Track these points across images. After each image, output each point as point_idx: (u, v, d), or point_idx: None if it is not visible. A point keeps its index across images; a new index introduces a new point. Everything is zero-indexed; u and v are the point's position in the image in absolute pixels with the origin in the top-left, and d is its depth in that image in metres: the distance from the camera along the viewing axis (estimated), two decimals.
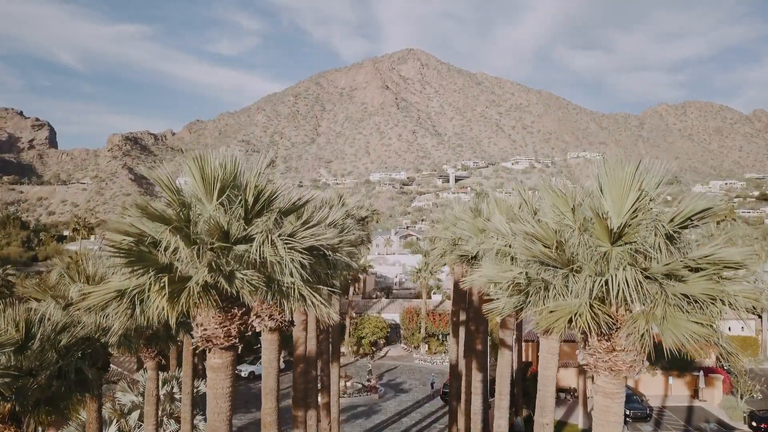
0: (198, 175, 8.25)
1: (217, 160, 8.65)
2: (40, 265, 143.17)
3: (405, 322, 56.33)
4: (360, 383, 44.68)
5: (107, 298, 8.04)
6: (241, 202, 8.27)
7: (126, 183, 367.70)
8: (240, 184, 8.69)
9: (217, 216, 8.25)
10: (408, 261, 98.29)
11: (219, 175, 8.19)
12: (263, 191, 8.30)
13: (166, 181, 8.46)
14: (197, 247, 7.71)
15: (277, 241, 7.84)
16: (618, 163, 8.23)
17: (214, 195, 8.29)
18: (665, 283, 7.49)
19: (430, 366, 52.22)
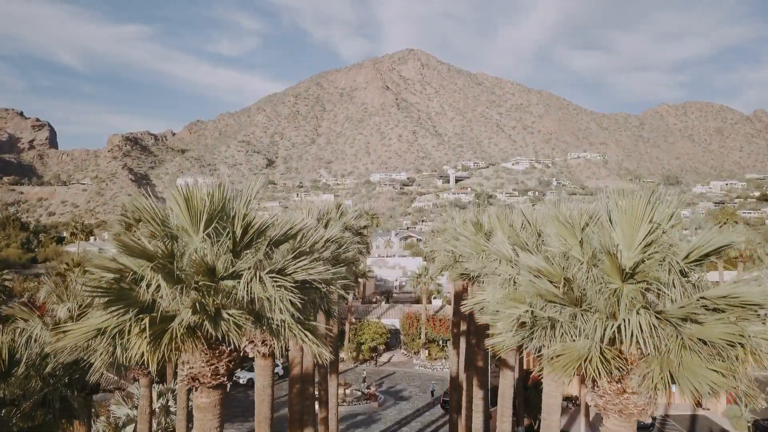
0: (183, 206, 7.78)
1: (204, 189, 8.19)
2: (39, 266, 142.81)
3: (405, 327, 55.85)
4: (359, 391, 44.18)
5: (87, 336, 7.56)
6: (228, 234, 7.80)
7: (126, 183, 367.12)
8: (229, 212, 8.22)
9: (203, 249, 7.79)
10: (408, 264, 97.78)
11: (205, 207, 7.72)
12: (252, 223, 7.82)
13: (150, 211, 7.99)
14: (181, 286, 7.23)
15: (265, 279, 7.36)
16: (629, 192, 7.73)
17: (200, 227, 7.82)
18: (681, 326, 7.02)
19: (430, 372, 51.72)
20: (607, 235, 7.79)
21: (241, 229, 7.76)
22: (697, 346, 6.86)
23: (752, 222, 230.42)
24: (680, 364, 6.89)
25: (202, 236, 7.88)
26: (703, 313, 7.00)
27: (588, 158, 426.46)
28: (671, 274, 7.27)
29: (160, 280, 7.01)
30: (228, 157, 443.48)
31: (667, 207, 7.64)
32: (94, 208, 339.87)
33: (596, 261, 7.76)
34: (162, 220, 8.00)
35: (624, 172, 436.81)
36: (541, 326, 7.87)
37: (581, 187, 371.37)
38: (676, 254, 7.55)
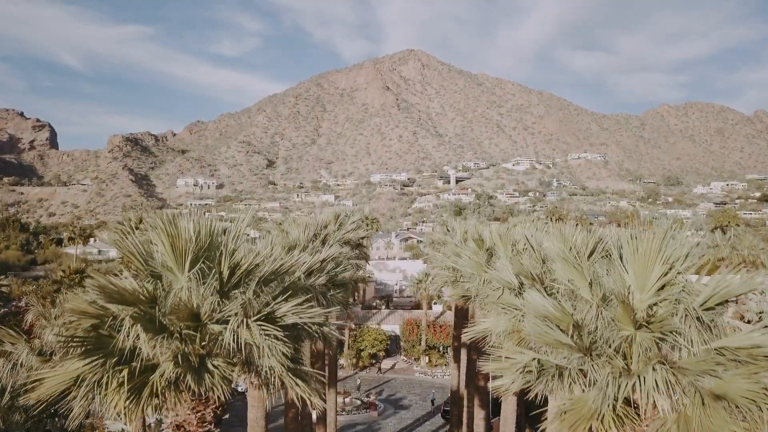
0: (167, 244, 7.31)
1: (191, 224, 7.72)
2: (38, 269, 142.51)
3: (405, 334, 55.36)
4: (359, 399, 43.73)
5: (63, 386, 7.07)
6: (215, 275, 7.33)
7: (126, 184, 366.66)
8: (216, 249, 7.75)
9: (189, 291, 7.31)
10: (409, 267, 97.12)
11: (191, 246, 7.25)
12: (240, 264, 7.35)
13: (133, 250, 7.52)
14: (163, 335, 6.75)
15: (253, 327, 6.87)
16: (641, 232, 7.25)
17: (185, 266, 7.35)
18: (699, 380, 6.53)
19: (430, 380, 51.26)
20: (618, 275, 7.31)
21: (228, 271, 7.30)
22: (717, 404, 6.36)
23: (753, 223, 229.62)
24: (699, 423, 6.41)
25: (188, 276, 7.40)
26: (723, 363, 6.52)
27: (589, 159, 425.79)
28: (688, 321, 6.79)
29: (139, 330, 6.53)
30: (228, 158, 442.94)
31: (682, 247, 7.16)
32: (95, 208, 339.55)
33: (607, 303, 7.28)
34: (145, 259, 7.52)
35: (625, 172, 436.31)
36: (548, 373, 7.40)
37: (582, 187, 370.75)
38: (691, 298, 7.06)
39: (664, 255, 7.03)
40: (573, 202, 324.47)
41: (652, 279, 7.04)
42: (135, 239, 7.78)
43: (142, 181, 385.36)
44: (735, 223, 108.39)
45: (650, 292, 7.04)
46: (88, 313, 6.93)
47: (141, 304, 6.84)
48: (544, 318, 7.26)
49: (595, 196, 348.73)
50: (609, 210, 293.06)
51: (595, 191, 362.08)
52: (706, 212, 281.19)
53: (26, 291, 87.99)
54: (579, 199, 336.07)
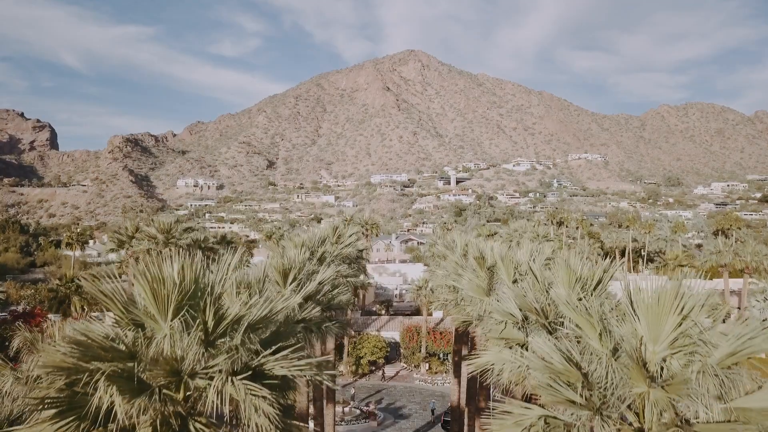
0: (149, 292, 6.85)
1: (175, 268, 7.26)
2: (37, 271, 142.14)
3: (405, 340, 54.88)
4: (358, 409, 43.25)
5: None
6: (200, 325, 6.87)
7: (127, 185, 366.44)
8: (202, 292, 7.29)
9: (171, 340, 6.85)
10: (409, 271, 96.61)
11: (174, 294, 6.79)
12: (225, 315, 6.88)
13: (112, 296, 7.05)
14: (141, 397, 6.27)
15: (238, 385, 6.40)
16: (653, 280, 6.79)
17: (168, 315, 6.89)
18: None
19: (430, 387, 50.76)
20: (632, 332, 6.84)
21: (213, 321, 6.83)
22: None
23: (753, 224, 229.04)
24: None
25: (170, 325, 6.94)
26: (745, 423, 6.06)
27: (589, 159, 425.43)
28: (705, 379, 6.32)
29: (114, 393, 6.06)
30: (228, 159, 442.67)
31: (698, 298, 6.70)
32: (95, 209, 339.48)
33: (617, 355, 6.82)
34: (125, 306, 7.06)
35: (625, 173, 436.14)
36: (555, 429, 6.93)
37: (582, 188, 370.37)
38: (708, 348, 6.59)
39: (679, 305, 6.57)
40: (573, 202, 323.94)
41: (666, 330, 6.59)
42: (115, 284, 7.32)
43: (142, 182, 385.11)
44: (737, 227, 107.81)
45: (664, 344, 6.59)
46: (63, 369, 6.48)
47: (119, 361, 6.38)
48: (554, 373, 6.79)
49: (596, 196, 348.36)
50: (609, 211, 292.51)
51: (596, 192, 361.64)
52: (707, 213, 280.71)
53: (24, 295, 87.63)
54: (579, 200, 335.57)
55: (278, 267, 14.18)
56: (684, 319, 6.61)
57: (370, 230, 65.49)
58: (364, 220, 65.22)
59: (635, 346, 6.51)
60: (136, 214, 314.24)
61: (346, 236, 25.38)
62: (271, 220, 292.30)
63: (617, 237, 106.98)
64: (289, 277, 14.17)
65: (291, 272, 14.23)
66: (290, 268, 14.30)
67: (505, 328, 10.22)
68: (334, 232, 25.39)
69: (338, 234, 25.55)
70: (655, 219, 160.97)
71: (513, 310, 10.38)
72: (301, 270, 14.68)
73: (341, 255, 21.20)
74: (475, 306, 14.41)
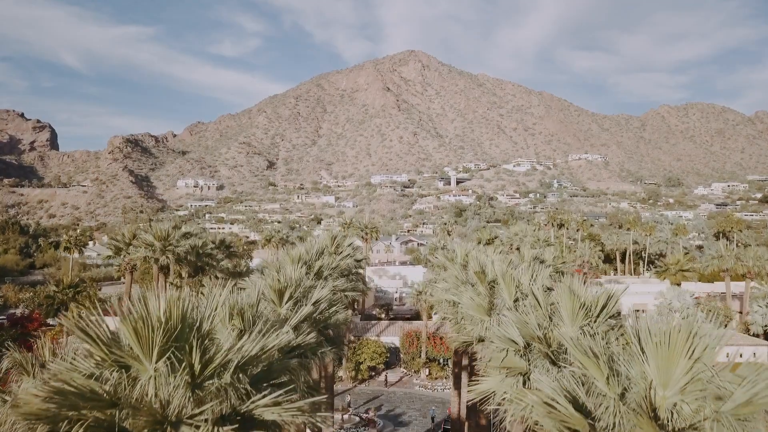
0: (132, 333, 6.52)
1: (161, 304, 6.92)
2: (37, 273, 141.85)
3: (405, 346, 54.52)
4: (357, 416, 42.90)
5: None
6: (186, 368, 6.53)
7: (127, 185, 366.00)
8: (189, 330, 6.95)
9: (156, 383, 6.51)
10: (409, 273, 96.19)
11: (158, 335, 6.46)
12: (214, 357, 6.54)
13: (94, 335, 6.72)
14: None
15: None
16: (663, 321, 6.45)
17: (153, 356, 6.56)
18: None
19: (430, 393, 50.41)
20: (639, 368, 6.50)
21: (200, 365, 6.49)
22: None
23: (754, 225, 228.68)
24: None
25: (155, 366, 6.61)
26: None
27: (589, 160, 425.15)
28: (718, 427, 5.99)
29: None
30: (228, 159, 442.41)
31: (712, 341, 6.36)
32: (95, 210, 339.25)
33: (625, 398, 6.48)
34: (108, 346, 6.72)
35: (625, 173, 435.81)
36: None
37: (582, 188, 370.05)
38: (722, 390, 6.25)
39: (691, 347, 6.24)
40: (574, 203, 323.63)
41: (677, 374, 6.26)
42: (98, 320, 6.98)
43: (142, 183, 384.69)
44: (738, 229, 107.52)
45: (675, 389, 6.26)
46: (42, 418, 6.15)
47: (99, 410, 6.05)
48: (555, 418, 6.46)
49: (596, 197, 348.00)
50: (610, 211, 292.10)
51: (596, 192, 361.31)
52: (707, 214, 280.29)
53: (23, 298, 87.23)
54: (580, 201, 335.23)
55: (274, 286, 13.85)
56: (696, 362, 6.29)
57: (369, 234, 65.12)
58: (363, 224, 64.85)
59: (644, 391, 6.19)
60: (136, 215, 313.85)
61: (344, 245, 25.06)
62: (271, 220, 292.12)
63: (618, 239, 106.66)
64: (284, 296, 13.84)
65: (287, 291, 13.90)
66: (286, 286, 13.97)
67: (506, 356, 9.89)
68: (333, 242, 25.07)
69: (336, 243, 25.22)
70: (656, 221, 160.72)
71: (515, 337, 10.05)
72: (297, 287, 14.35)
73: (339, 267, 20.86)
74: (476, 326, 14.08)
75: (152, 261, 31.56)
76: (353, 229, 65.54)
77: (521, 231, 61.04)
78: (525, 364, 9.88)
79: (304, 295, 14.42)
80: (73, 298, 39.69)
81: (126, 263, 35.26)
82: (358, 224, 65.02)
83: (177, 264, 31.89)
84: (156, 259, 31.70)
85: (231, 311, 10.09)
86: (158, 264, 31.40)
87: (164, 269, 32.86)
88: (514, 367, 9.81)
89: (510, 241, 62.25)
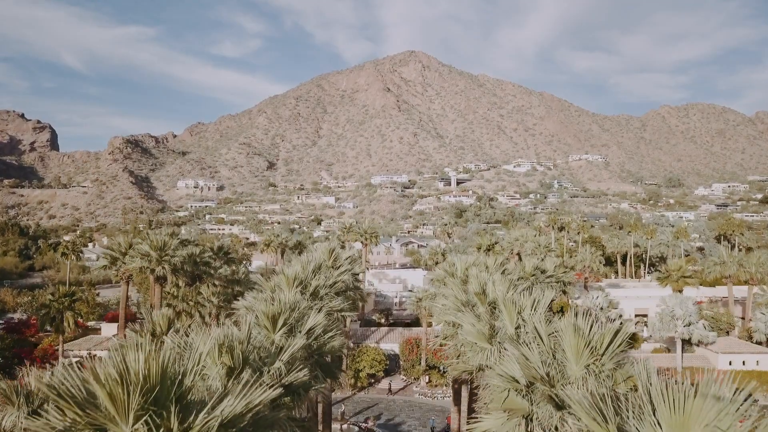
0: (105, 395, 6.08)
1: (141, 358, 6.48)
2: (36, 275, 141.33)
3: (404, 353, 54.05)
4: (356, 425, 42.48)
5: None
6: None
7: (127, 186, 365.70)
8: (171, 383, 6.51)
9: None
10: (409, 277, 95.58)
11: (134, 398, 6.01)
12: (192, 424, 6.10)
13: (66, 394, 6.27)
14: None
15: None
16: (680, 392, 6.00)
17: (128, 419, 6.12)
18: None
19: (430, 402, 49.99)
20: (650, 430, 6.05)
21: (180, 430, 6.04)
22: None
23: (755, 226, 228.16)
24: None
25: (133, 429, 6.16)
26: None
27: (590, 160, 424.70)
28: None
29: None
30: (229, 160, 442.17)
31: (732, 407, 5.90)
32: (95, 210, 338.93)
33: None
34: (82, 406, 6.27)
35: (626, 174, 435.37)
36: None
37: (583, 189, 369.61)
38: None
39: (707, 414, 5.79)
40: (574, 204, 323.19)
41: None
42: (74, 375, 6.53)
43: (142, 183, 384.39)
44: (740, 232, 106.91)
45: None
46: None
47: None
48: None
49: (597, 198, 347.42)
50: (610, 212, 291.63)
51: (597, 193, 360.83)
52: (708, 215, 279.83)
53: (21, 303, 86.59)
54: (580, 201, 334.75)
55: (267, 312, 13.42)
56: None
57: (369, 239, 64.68)
58: (363, 229, 64.32)
59: None
60: (136, 216, 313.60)
61: (342, 259, 24.63)
62: (271, 221, 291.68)
63: (619, 242, 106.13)
64: (278, 323, 13.41)
65: (281, 317, 13.47)
66: (280, 312, 13.53)
67: (507, 396, 9.43)
68: (330, 255, 24.64)
69: (334, 257, 24.80)
70: (657, 222, 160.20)
71: (516, 375, 9.61)
72: (292, 312, 13.92)
73: (336, 286, 20.40)
74: (477, 354, 13.62)
75: (148, 271, 31.11)
76: (353, 234, 65.07)
77: (522, 236, 60.57)
78: (527, 405, 9.44)
79: (298, 320, 14.00)
80: (69, 307, 39.23)
81: (122, 273, 34.81)
82: (357, 229, 64.55)
83: (173, 274, 31.44)
84: (152, 269, 31.24)
85: (220, 348, 9.67)
86: (154, 275, 30.94)
87: (161, 279, 32.41)
88: (516, 409, 9.36)
89: (510, 246, 61.78)
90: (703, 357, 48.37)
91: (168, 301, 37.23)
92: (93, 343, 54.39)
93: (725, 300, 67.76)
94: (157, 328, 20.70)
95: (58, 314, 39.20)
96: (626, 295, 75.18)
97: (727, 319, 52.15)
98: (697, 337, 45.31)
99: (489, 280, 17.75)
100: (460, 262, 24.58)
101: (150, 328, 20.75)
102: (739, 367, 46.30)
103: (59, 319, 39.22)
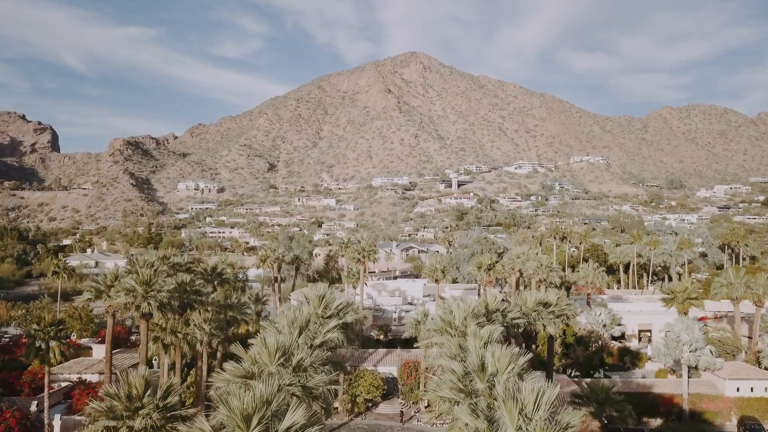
0: None
1: None
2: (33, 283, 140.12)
3: (403, 377, 52.61)
4: None
5: None
6: None
7: (127, 188, 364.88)
8: None
9: None
10: (409, 288, 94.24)
11: None
12: None
13: None
14: None
15: None
16: None
17: None
18: None
19: (429, 429, 48.62)
20: None
21: None
22: None
23: (757, 229, 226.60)
24: None
25: None
26: None
27: (591, 162, 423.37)
28: None
29: None
30: (229, 161, 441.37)
31: None
32: (95, 213, 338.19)
33: None
34: None
35: (627, 175, 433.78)
36: None
37: (584, 191, 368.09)
38: None
39: None
40: (575, 206, 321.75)
41: None
42: None
43: (143, 185, 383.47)
44: (744, 243, 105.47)
45: None
46: None
47: None
48: None
49: (598, 199, 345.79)
50: (612, 214, 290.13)
51: (598, 195, 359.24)
52: (710, 217, 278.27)
53: (15, 316, 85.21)
54: (581, 203, 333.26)
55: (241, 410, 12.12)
56: None
57: (367, 257, 63.45)
58: (361, 247, 63.04)
59: None
60: (136, 218, 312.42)
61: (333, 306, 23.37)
62: (271, 223, 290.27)
63: (621, 252, 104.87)
64: (252, 423, 12.12)
65: (255, 416, 12.19)
66: (254, 411, 12.25)
67: None
68: (320, 302, 23.40)
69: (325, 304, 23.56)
70: (659, 229, 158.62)
71: None
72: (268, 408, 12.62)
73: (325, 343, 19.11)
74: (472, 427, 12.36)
75: (133, 308, 29.87)
76: (351, 251, 63.79)
77: (523, 254, 59.26)
78: None
79: (275, 414, 12.70)
80: (54, 337, 37.95)
81: (108, 307, 33.55)
82: (356, 247, 63.27)
83: (159, 311, 30.19)
84: (137, 305, 30.00)
85: None
86: (140, 311, 29.71)
87: (147, 315, 31.16)
88: None
89: (512, 265, 60.49)
90: (709, 383, 47.00)
91: (156, 333, 35.96)
92: (83, 366, 53.04)
93: (731, 316, 66.27)
94: (133, 390, 19.45)
95: (44, 344, 37.93)
96: (629, 309, 73.72)
97: (734, 342, 50.81)
98: (704, 364, 43.95)
99: (488, 354, 16.42)
100: (458, 311, 23.29)
101: (126, 391, 19.53)
102: (747, 394, 44.93)
103: (45, 349, 37.94)
